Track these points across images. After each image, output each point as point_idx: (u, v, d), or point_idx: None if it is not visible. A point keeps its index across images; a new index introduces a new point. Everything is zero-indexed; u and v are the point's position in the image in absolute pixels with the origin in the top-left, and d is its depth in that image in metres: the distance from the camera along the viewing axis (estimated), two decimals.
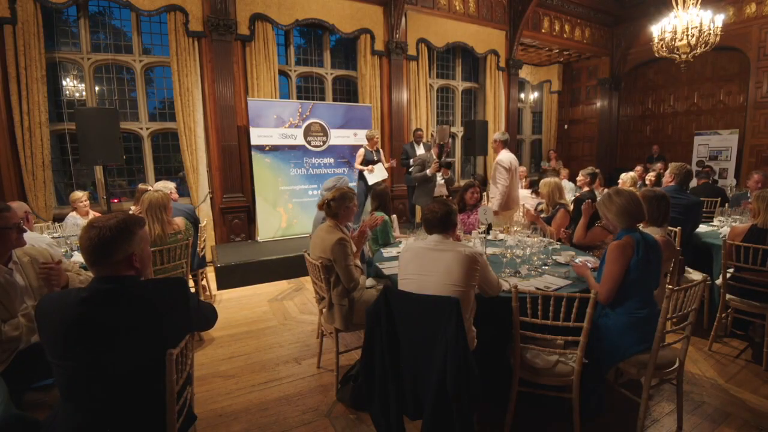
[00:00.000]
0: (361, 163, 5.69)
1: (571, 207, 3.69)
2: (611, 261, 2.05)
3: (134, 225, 1.39)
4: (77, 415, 1.30)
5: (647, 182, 5.85)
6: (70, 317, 1.27)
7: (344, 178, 3.87)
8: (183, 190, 5.63)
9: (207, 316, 1.63)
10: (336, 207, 2.56)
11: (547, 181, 3.69)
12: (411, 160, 6.17)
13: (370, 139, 5.76)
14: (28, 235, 1.99)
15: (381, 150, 5.94)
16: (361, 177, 5.73)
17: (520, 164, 9.24)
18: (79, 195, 4.17)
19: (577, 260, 2.56)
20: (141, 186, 4.52)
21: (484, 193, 5.65)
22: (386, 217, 3.51)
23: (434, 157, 5.46)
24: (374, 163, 5.70)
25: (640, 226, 2.26)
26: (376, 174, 5.68)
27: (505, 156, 4.58)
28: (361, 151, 5.75)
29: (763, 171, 4.41)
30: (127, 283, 1.35)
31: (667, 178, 3.86)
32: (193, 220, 3.79)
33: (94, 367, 1.27)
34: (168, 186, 3.96)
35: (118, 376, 1.29)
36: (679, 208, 3.35)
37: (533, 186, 6.05)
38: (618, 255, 2.03)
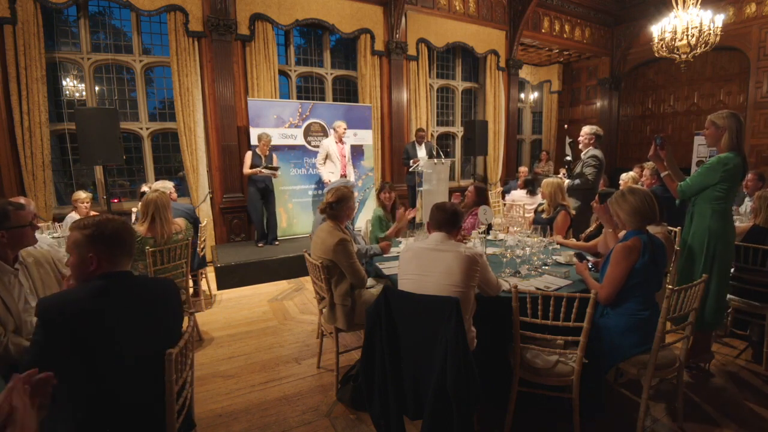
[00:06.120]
0: (250, 167, 5.13)
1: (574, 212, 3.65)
2: (615, 263, 2.05)
3: None
4: (77, 415, 1.29)
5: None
6: (87, 312, 1.28)
7: (350, 181, 3.86)
8: (183, 190, 5.63)
9: None
10: (338, 209, 2.61)
11: (549, 181, 3.57)
12: (411, 161, 6.17)
13: (261, 140, 5.20)
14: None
15: (274, 155, 5.34)
16: (252, 182, 5.19)
17: (520, 164, 9.35)
18: (82, 196, 4.13)
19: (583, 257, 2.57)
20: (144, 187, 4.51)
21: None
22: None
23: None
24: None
25: None
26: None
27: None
28: (249, 154, 5.17)
29: (756, 171, 4.39)
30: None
31: (651, 180, 3.89)
32: (193, 220, 3.80)
33: (117, 355, 1.31)
34: (167, 186, 3.96)
35: (124, 370, 1.31)
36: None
37: (527, 186, 6.00)
38: (622, 258, 2.03)
